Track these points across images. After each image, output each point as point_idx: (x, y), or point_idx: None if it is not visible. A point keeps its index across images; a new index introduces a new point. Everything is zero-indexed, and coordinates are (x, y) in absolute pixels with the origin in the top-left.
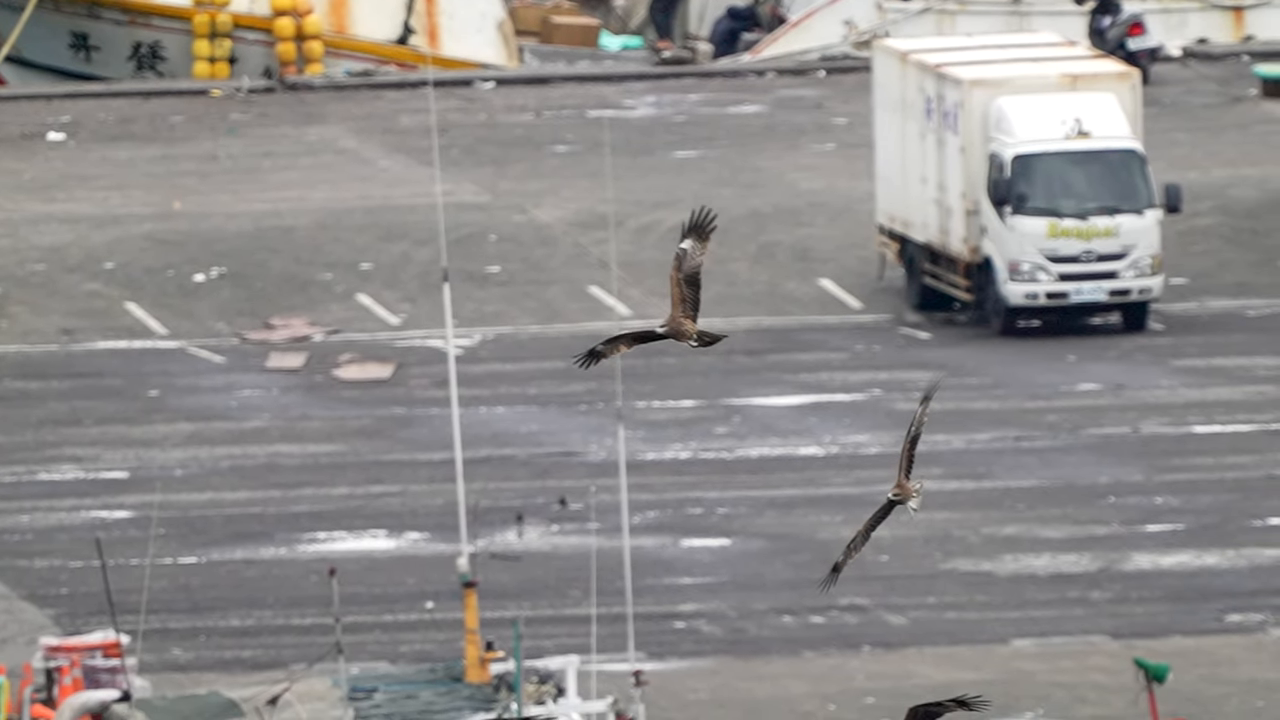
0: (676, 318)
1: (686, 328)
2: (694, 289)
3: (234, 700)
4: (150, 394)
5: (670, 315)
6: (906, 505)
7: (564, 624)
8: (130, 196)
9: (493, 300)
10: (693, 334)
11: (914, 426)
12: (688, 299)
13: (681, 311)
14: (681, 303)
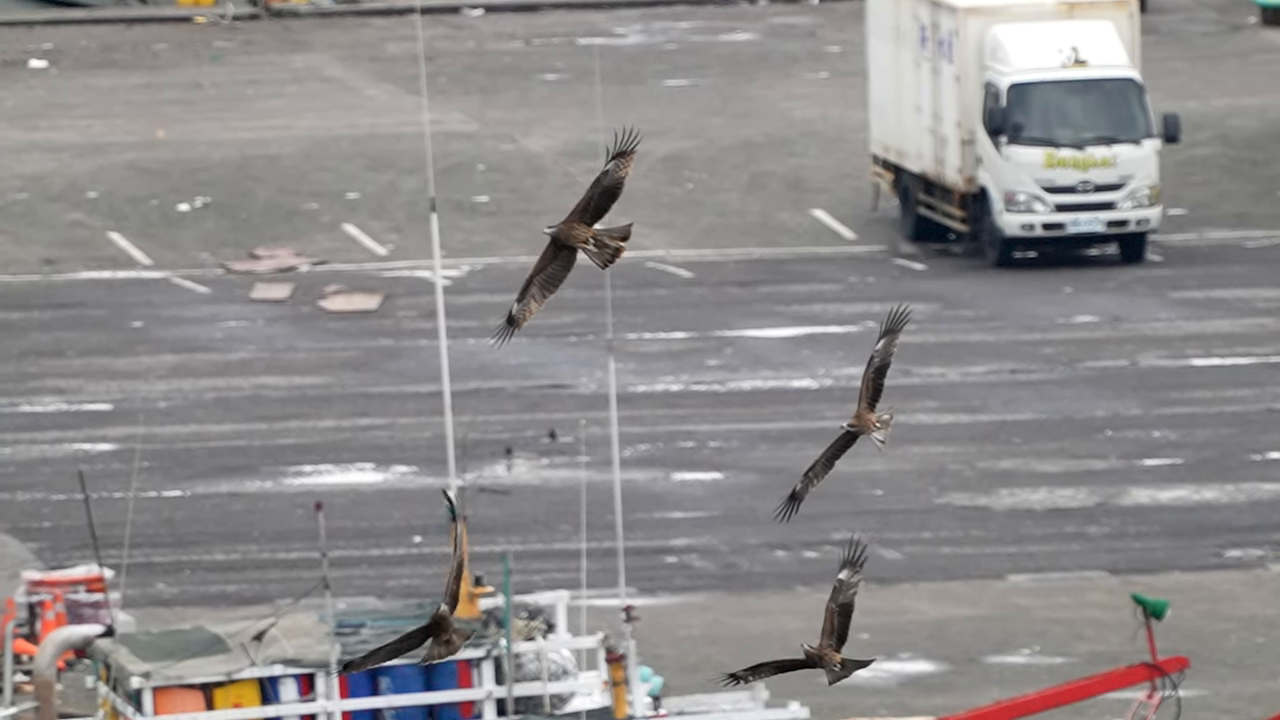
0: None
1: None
2: (607, 199)
3: (219, 635)
4: (134, 325)
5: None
6: (871, 437)
7: (554, 559)
8: (113, 125)
9: (481, 230)
10: None
11: (877, 357)
12: (592, 208)
13: (579, 218)
14: (583, 211)
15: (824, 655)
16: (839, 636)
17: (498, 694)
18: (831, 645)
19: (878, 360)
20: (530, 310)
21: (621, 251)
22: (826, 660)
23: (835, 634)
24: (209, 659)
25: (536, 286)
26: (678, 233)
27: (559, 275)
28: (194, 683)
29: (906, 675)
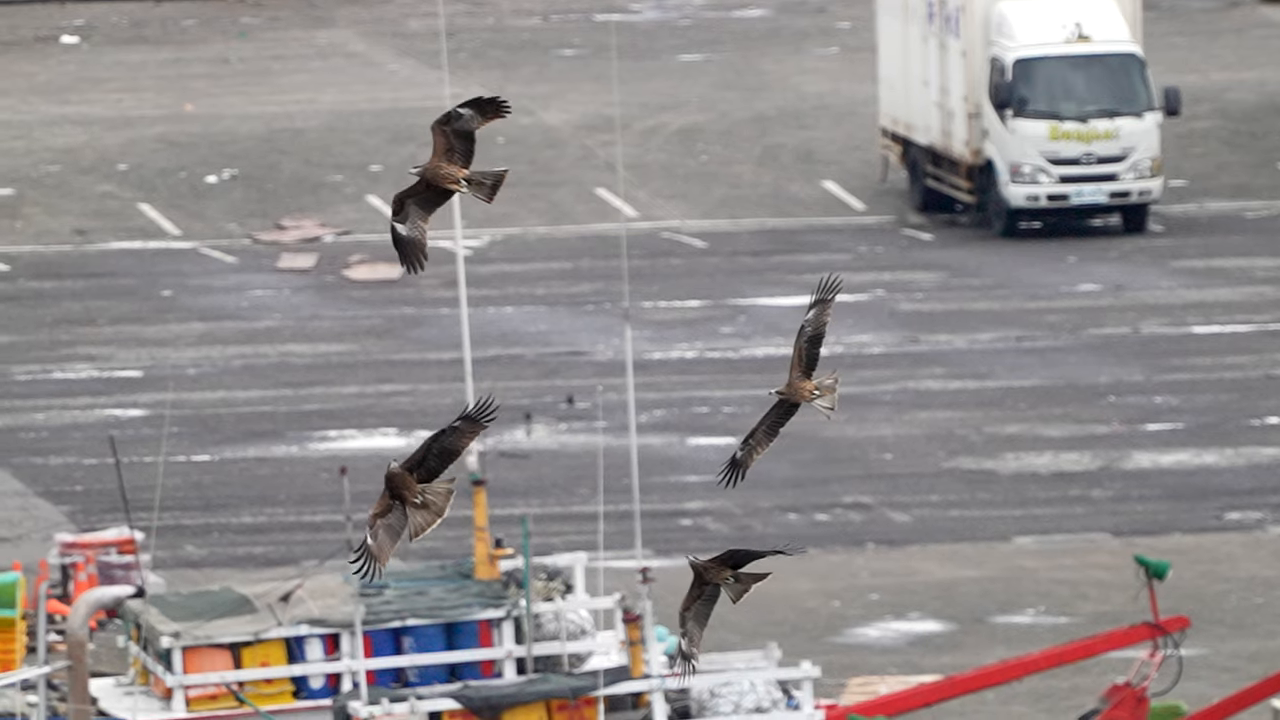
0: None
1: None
2: (466, 142)
3: (247, 596)
4: (163, 294)
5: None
6: (814, 405)
7: (572, 521)
8: (143, 99)
9: (501, 201)
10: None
11: (809, 326)
12: (456, 149)
13: (445, 159)
14: (447, 152)
15: (707, 569)
16: (729, 562)
17: (517, 653)
18: (716, 562)
19: (810, 329)
20: (422, 231)
21: (501, 182)
22: (711, 574)
23: (726, 562)
24: (237, 619)
25: (416, 205)
26: (692, 204)
27: (437, 200)
28: (222, 642)
29: (915, 635)
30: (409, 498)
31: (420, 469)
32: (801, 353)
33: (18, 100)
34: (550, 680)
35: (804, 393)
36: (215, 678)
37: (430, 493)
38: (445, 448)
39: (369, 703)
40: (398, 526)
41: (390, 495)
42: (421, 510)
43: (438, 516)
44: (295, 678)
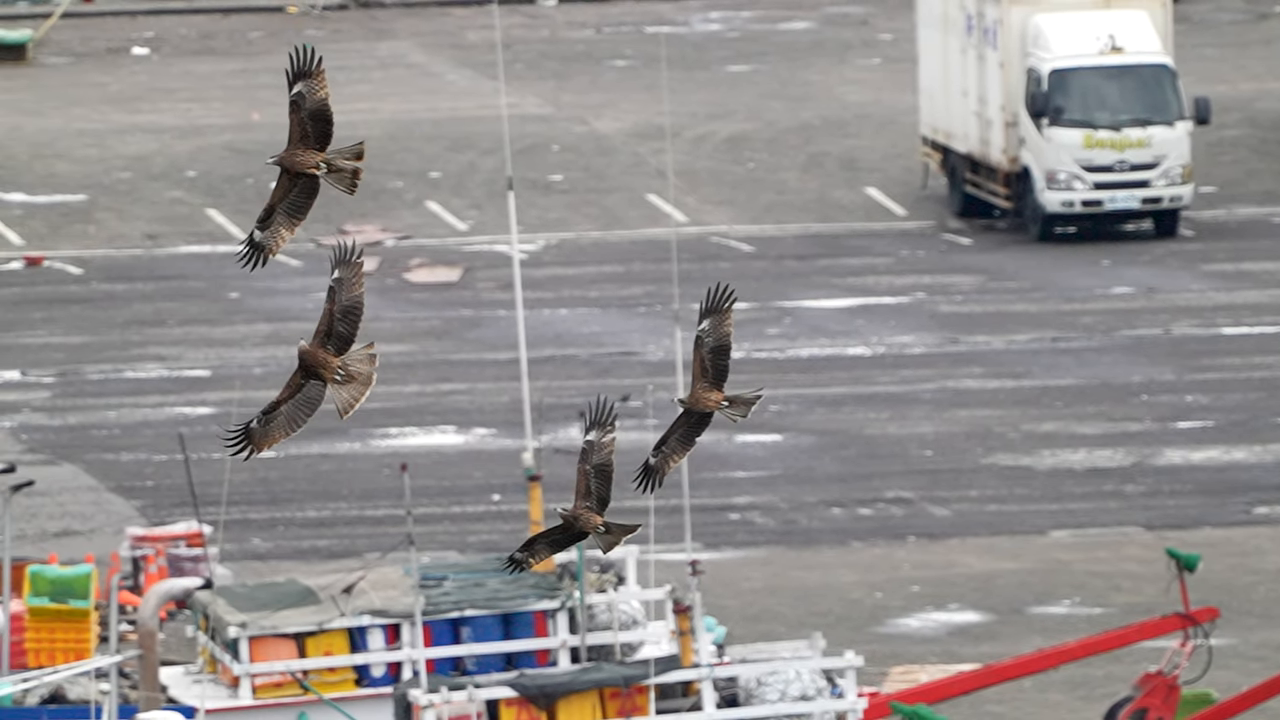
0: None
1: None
2: (321, 124)
3: (311, 588)
4: (230, 296)
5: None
6: (724, 413)
7: (624, 516)
8: (211, 108)
9: (555, 207)
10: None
11: (708, 338)
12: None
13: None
14: (302, 138)
15: (579, 517)
16: (598, 499)
17: (572, 643)
18: (588, 507)
19: (710, 340)
20: (280, 239)
21: (360, 173)
22: (584, 522)
23: (594, 496)
24: (301, 610)
25: (282, 214)
26: (739, 209)
27: (303, 203)
28: (287, 632)
29: (955, 625)
30: (329, 375)
31: (332, 339)
32: (705, 363)
33: (90, 109)
34: (603, 669)
35: (709, 402)
36: (281, 666)
37: (352, 362)
38: (347, 306)
39: (428, 691)
40: (296, 416)
41: (306, 375)
42: (347, 385)
43: (366, 387)
44: (357, 666)
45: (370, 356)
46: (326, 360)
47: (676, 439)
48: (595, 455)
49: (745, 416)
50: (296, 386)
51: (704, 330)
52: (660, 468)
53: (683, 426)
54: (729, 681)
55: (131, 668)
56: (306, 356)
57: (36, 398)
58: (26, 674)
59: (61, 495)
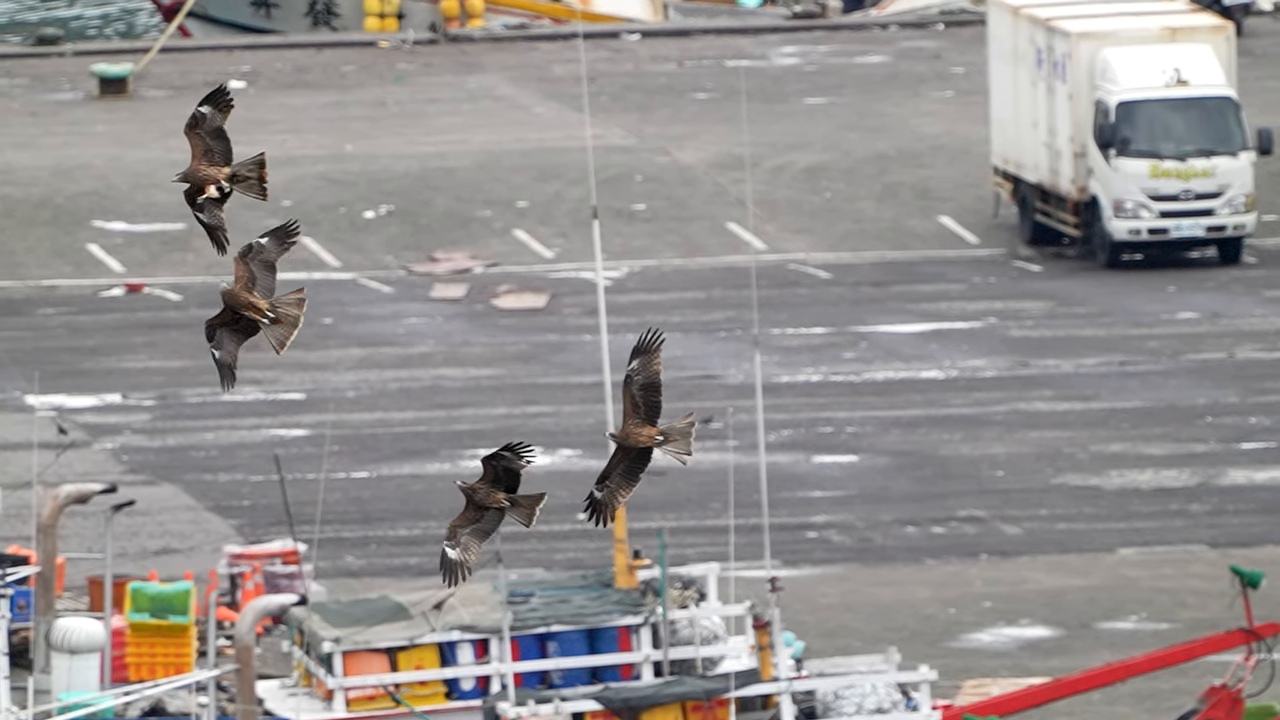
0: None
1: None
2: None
3: (402, 604)
4: (325, 321)
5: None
6: (665, 451)
7: (705, 534)
8: (306, 140)
9: (639, 235)
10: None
11: (638, 375)
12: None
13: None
14: (205, 153)
15: (475, 490)
16: (647, 410)
17: (654, 657)
18: (639, 423)
19: (640, 378)
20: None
21: (265, 177)
22: (636, 438)
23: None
24: (393, 625)
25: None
26: (817, 237)
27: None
28: (380, 647)
29: (1025, 640)
30: (258, 317)
31: (255, 287)
32: (636, 400)
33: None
34: (685, 682)
35: (640, 438)
36: (373, 680)
37: (282, 305)
38: (266, 261)
39: (516, 703)
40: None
41: (232, 316)
42: (276, 325)
43: (294, 327)
44: (447, 680)
45: (299, 300)
46: (251, 302)
47: (620, 474)
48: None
49: (688, 452)
50: (223, 324)
51: (633, 369)
52: (608, 502)
53: (623, 462)
54: (807, 695)
55: (229, 681)
56: (229, 298)
57: (137, 420)
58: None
59: (161, 514)
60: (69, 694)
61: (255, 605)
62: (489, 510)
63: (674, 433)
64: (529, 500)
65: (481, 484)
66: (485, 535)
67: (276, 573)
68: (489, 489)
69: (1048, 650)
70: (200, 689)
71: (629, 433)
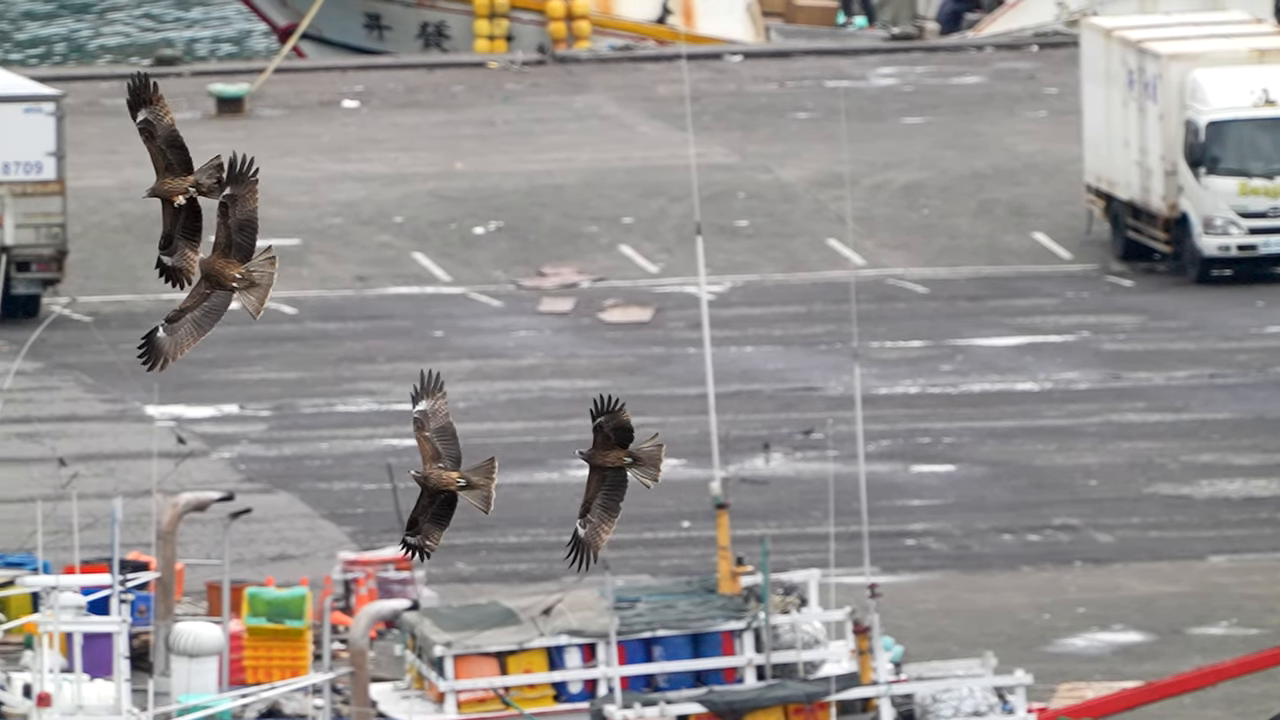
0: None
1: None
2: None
3: (512, 609)
4: (435, 334)
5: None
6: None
7: (806, 541)
8: (417, 157)
9: (741, 251)
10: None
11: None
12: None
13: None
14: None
15: (429, 475)
16: (450, 458)
17: (757, 661)
18: (442, 468)
19: (610, 423)
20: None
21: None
22: (436, 480)
23: (444, 457)
24: (503, 630)
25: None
26: (914, 253)
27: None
28: (490, 651)
29: (1119, 645)
30: (228, 281)
31: (231, 250)
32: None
33: (304, 159)
34: (787, 686)
35: (607, 460)
36: (483, 683)
37: (254, 269)
38: (243, 220)
39: (623, 706)
40: (202, 323)
41: (210, 286)
42: (251, 289)
43: (268, 289)
44: (556, 683)
45: (269, 260)
46: (224, 269)
47: (600, 507)
48: (432, 421)
49: (656, 478)
50: (202, 296)
51: (603, 421)
52: (592, 542)
53: (600, 492)
54: (906, 698)
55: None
56: (205, 267)
57: (254, 430)
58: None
59: (277, 522)
60: (188, 696)
61: (369, 610)
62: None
63: (641, 455)
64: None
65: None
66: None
67: (389, 579)
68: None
69: (1140, 655)
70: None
71: (594, 453)
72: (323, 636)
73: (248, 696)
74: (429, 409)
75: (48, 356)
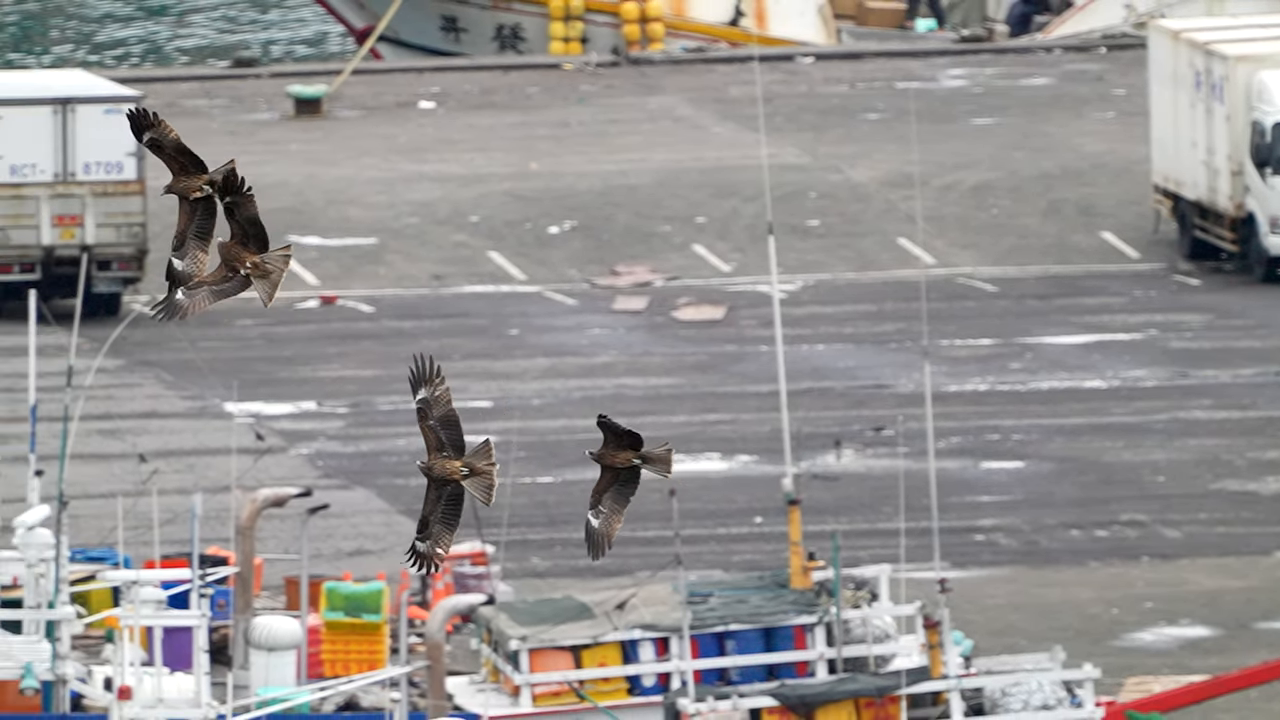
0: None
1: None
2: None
3: (586, 604)
4: (511, 332)
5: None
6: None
7: (877, 537)
8: (492, 158)
9: (812, 250)
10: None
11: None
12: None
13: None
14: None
15: (433, 465)
16: (454, 447)
17: (828, 655)
18: (446, 456)
19: (622, 425)
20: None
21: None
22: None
23: (448, 445)
24: (577, 624)
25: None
26: (984, 252)
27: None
28: (564, 645)
29: (1186, 639)
30: (242, 267)
31: (252, 241)
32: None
33: (380, 159)
34: (858, 680)
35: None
36: (558, 676)
37: (268, 260)
38: (249, 218)
39: (696, 699)
40: (224, 290)
41: (228, 269)
42: (264, 278)
43: (278, 281)
44: (629, 676)
45: (285, 256)
46: (241, 255)
47: (610, 499)
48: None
49: (668, 474)
50: (222, 277)
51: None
52: (605, 532)
53: (611, 485)
54: (975, 692)
55: (420, 677)
56: (223, 251)
57: (331, 427)
58: (323, 683)
59: (355, 517)
60: (266, 689)
61: (445, 604)
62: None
63: (651, 457)
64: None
65: (607, 449)
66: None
67: (465, 573)
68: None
69: (1207, 649)
70: (392, 685)
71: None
72: (399, 630)
73: (325, 690)
74: (429, 396)
75: (128, 354)
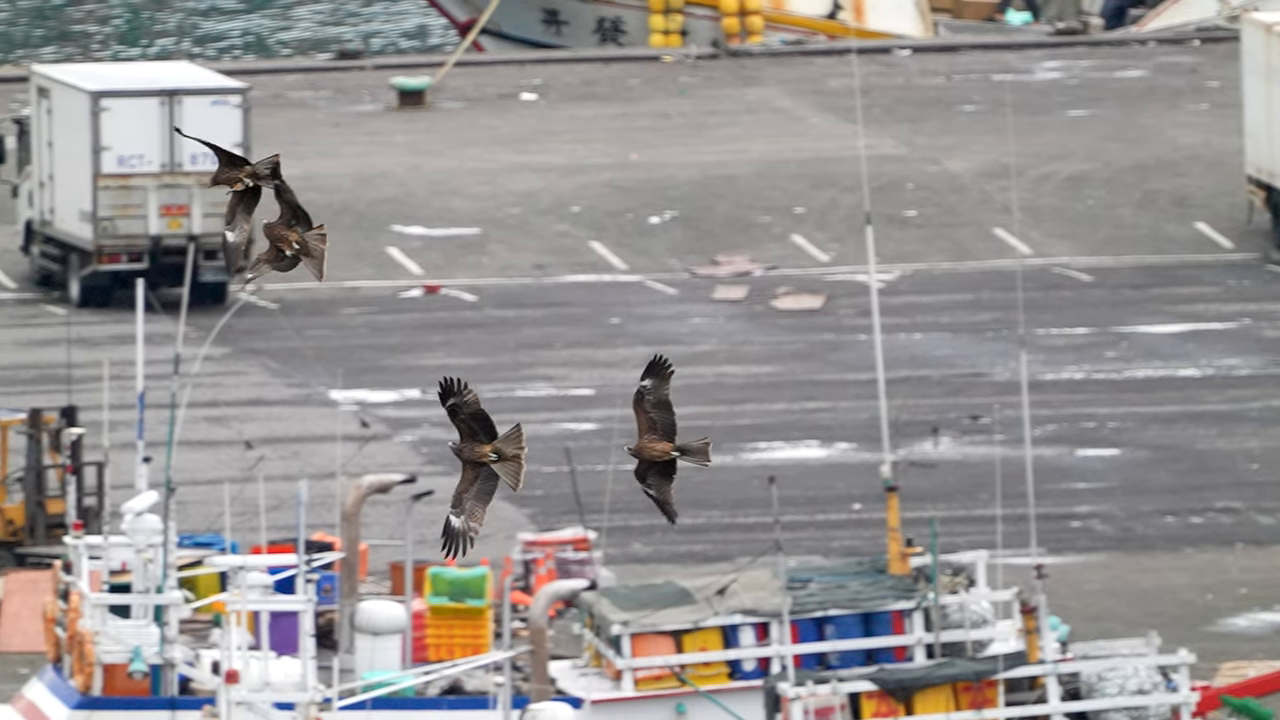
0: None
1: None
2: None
3: (687, 589)
4: (612, 321)
5: None
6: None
7: (974, 523)
8: (593, 149)
9: (910, 240)
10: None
11: (650, 394)
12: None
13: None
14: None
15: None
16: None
17: (926, 640)
18: (655, 438)
19: (651, 397)
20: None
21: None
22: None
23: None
24: (678, 609)
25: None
26: (1079, 242)
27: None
28: (666, 629)
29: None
30: (285, 248)
31: (298, 220)
32: (648, 419)
33: (483, 150)
34: (956, 664)
35: (653, 452)
36: (659, 661)
37: (309, 238)
38: (292, 202)
39: (796, 684)
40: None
41: (274, 248)
42: (310, 257)
43: (322, 257)
44: (730, 661)
45: (321, 236)
46: (285, 234)
47: (655, 475)
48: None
49: (707, 464)
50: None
51: (646, 387)
52: (665, 498)
53: (654, 471)
54: (1071, 676)
55: (523, 662)
56: (268, 231)
57: (435, 414)
58: (427, 667)
59: None
60: (371, 673)
61: (548, 590)
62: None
63: (690, 449)
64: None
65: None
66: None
67: (568, 559)
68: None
69: None
70: (496, 669)
71: (642, 446)
72: (503, 615)
73: (430, 674)
74: (458, 403)
75: (234, 342)
